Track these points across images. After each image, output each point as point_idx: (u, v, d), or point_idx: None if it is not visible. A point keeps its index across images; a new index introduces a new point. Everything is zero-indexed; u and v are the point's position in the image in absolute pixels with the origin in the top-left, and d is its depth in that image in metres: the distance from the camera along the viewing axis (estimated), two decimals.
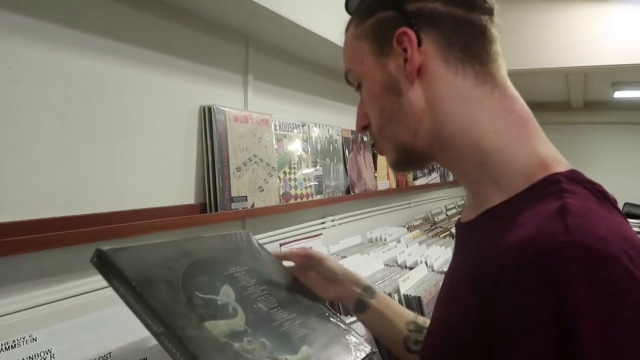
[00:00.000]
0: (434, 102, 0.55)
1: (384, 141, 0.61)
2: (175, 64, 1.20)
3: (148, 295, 0.57)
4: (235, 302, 0.67)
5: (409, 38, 0.54)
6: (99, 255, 0.60)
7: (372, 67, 0.58)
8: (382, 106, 0.58)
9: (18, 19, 0.86)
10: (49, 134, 0.91)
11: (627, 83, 3.51)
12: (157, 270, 0.63)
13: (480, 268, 0.47)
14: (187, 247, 0.72)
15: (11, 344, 0.71)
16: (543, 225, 0.42)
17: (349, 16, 0.63)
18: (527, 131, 0.53)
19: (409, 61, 0.54)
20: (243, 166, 1.32)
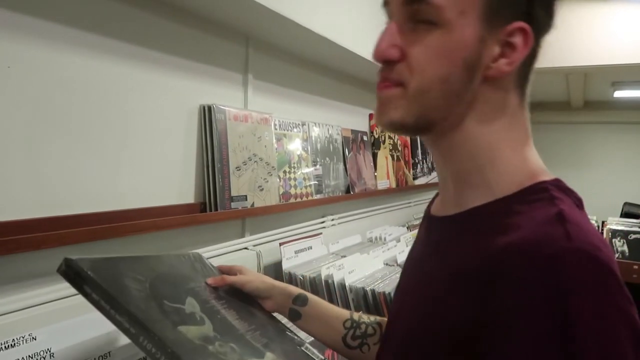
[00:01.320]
0: (482, 103, 0.53)
1: (413, 101, 0.52)
2: (175, 63, 1.20)
3: (122, 299, 0.58)
4: (200, 312, 0.68)
5: (525, 39, 0.50)
6: (67, 264, 0.59)
7: (470, 29, 0.50)
8: (448, 73, 0.51)
9: (17, 18, 0.86)
10: (49, 133, 0.91)
11: (627, 83, 3.51)
12: (125, 278, 0.63)
13: (472, 264, 0.48)
14: (149, 261, 0.74)
15: (11, 343, 0.71)
16: (544, 230, 0.43)
17: (346, 15, 0.63)
18: (526, 147, 0.56)
19: (510, 61, 0.51)
20: (243, 165, 1.32)
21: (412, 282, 0.63)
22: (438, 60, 0.51)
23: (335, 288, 1.33)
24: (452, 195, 0.59)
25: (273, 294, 0.84)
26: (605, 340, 0.39)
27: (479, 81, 0.52)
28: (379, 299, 1.27)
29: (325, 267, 1.36)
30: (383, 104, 0.54)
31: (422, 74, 0.51)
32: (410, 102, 0.52)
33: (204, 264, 0.86)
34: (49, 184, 0.91)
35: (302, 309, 0.83)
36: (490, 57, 0.51)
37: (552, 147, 4.70)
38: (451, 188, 0.58)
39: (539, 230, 0.44)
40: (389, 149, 2.39)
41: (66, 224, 0.90)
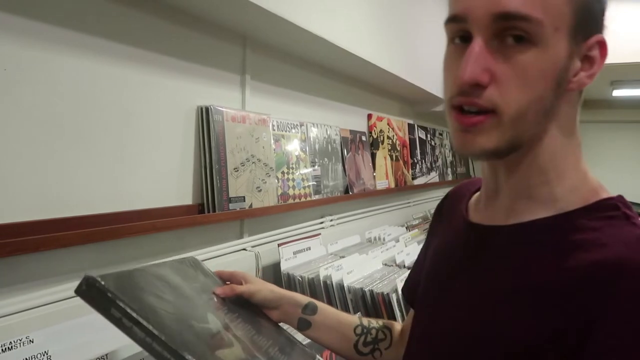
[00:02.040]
0: (557, 118, 0.53)
1: (508, 126, 0.49)
2: (173, 64, 1.20)
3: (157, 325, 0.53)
4: (224, 330, 0.66)
5: (602, 53, 0.51)
6: (88, 283, 0.53)
7: (562, 45, 0.48)
8: (543, 94, 0.49)
9: (13, 20, 0.86)
10: (46, 136, 0.90)
11: (626, 82, 3.51)
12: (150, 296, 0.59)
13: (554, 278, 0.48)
14: (159, 272, 0.70)
15: (8, 345, 0.71)
16: (638, 249, 0.45)
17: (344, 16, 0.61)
18: (582, 158, 0.57)
19: (590, 74, 0.51)
20: (241, 166, 1.32)
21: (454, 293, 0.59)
22: (534, 82, 0.48)
23: (333, 289, 1.33)
24: (504, 205, 0.57)
25: (282, 304, 0.81)
26: None
27: (562, 98, 0.51)
28: (377, 299, 1.27)
29: (323, 268, 1.36)
30: (471, 132, 0.51)
31: (518, 99, 0.48)
32: (506, 128, 0.49)
33: (204, 271, 0.83)
34: (47, 186, 0.91)
35: (311, 318, 0.81)
36: (573, 72, 0.50)
37: None
38: (505, 198, 0.57)
39: (632, 249, 0.45)
40: (388, 149, 2.39)
41: (64, 226, 0.90)
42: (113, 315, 0.52)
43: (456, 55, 0.51)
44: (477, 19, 0.48)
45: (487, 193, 0.61)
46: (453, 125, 0.53)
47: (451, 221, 0.68)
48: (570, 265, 0.47)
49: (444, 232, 0.69)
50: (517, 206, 0.55)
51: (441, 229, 0.72)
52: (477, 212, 0.63)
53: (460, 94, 0.50)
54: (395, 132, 2.52)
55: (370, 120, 2.29)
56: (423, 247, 0.79)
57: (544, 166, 0.54)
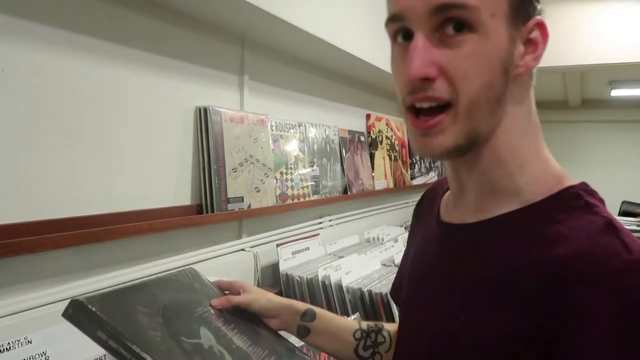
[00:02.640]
0: (513, 104, 0.52)
1: (462, 119, 0.49)
2: (171, 65, 1.20)
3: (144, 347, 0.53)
4: (217, 344, 0.66)
5: (544, 34, 0.51)
6: (75, 306, 0.53)
7: (501, 30, 0.48)
8: (492, 80, 0.49)
9: (11, 21, 0.86)
10: (43, 136, 0.90)
11: (624, 81, 3.52)
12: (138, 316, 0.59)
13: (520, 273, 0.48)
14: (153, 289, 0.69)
15: (6, 346, 0.71)
16: (600, 242, 0.45)
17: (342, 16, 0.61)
18: (543, 146, 0.56)
19: (535, 56, 0.51)
20: (239, 167, 1.32)
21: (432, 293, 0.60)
22: (481, 69, 0.48)
23: (332, 289, 1.33)
24: (471, 202, 0.57)
25: (280, 313, 0.80)
26: None
27: (513, 84, 0.51)
28: (376, 300, 1.27)
29: (322, 268, 1.36)
30: (429, 135, 0.50)
31: (469, 88, 0.48)
32: (462, 121, 0.49)
33: (202, 282, 0.82)
34: (44, 187, 0.91)
35: (310, 325, 0.80)
36: (518, 56, 0.50)
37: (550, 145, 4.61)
38: (471, 195, 0.57)
39: (595, 242, 0.45)
40: (387, 149, 2.40)
41: (62, 227, 0.90)
42: (100, 338, 0.53)
43: (402, 55, 0.51)
44: (416, 14, 0.48)
45: (453, 193, 0.61)
46: (410, 129, 0.52)
47: (427, 221, 0.69)
48: (534, 260, 0.47)
49: (422, 232, 0.70)
50: (483, 202, 0.55)
51: (419, 229, 0.73)
52: (447, 211, 0.63)
53: (411, 92, 0.50)
54: (394, 132, 2.52)
55: (369, 121, 2.29)
56: (405, 249, 0.80)
57: (503, 158, 0.53)
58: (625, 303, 0.42)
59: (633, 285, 0.42)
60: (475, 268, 0.53)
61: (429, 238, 0.65)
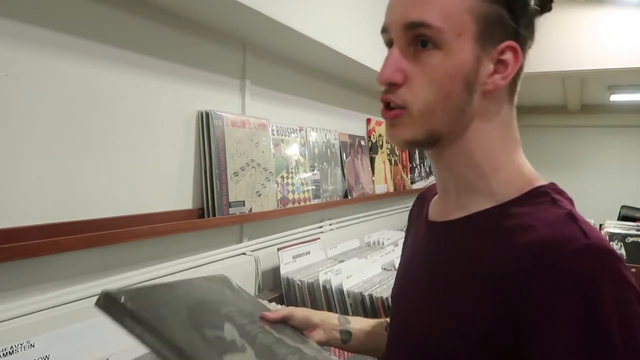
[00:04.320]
0: (481, 115, 0.57)
1: (419, 120, 0.56)
2: (173, 70, 1.20)
3: (167, 332, 0.56)
4: (239, 337, 0.67)
5: (516, 57, 0.55)
6: (106, 297, 0.58)
7: (467, 49, 0.54)
8: (450, 92, 0.55)
9: (15, 26, 0.86)
10: (47, 141, 0.91)
11: (623, 86, 3.52)
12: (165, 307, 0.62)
13: (493, 264, 0.52)
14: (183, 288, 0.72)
15: (9, 350, 0.72)
16: (561, 229, 0.49)
17: (343, 21, 0.65)
18: (519, 153, 0.61)
19: (503, 76, 0.56)
20: (241, 171, 1.33)
21: (420, 287, 0.64)
22: (440, 81, 0.54)
23: (333, 293, 1.33)
24: (453, 201, 0.62)
25: (322, 321, 0.82)
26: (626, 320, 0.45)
27: (478, 96, 0.56)
28: (376, 304, 1.27)
29: (323, 272, 1.36)
30: (393, 125, 0.58)
31: (424, 97, 0.55)
32: (418, 121, 0.56)
33: (232, 288, 0.84)
34: (47, 191, 0.91)
35: (350, 327, 0.83)
36: (486, 74, 0.55)
37: (550, 150, 4.72)
38: (453, 194, 0.62)
39: (557, 229, 0.49)
40: (387, 154, 2.40)
41: (64, 231, 0.91)
42: (127, 326, 0.57)
43: None
44: (394, 29, 0.57)
45: (440, 192, 0.66)
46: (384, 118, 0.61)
47: (417, 223, 0.73)
48: (504, 250, 0.51)
49: (413, 233, 0.75)
50: (463, 200, 0.60)
51: (411, 232, 0.77)
52: (434, 211, 0.68)
53: (384, 92, 0.58)
54: None
55: (369, 125, 2.30)
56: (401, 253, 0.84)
57: (478, 161, 0.58)
58: (581, 282, 0.45)
59: (588, 266, 0.46)
60: (454, 261, 0.58)
61: (419, 237, 0.70)
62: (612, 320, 0.45)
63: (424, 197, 0.76)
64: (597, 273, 0.46)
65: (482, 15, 0.54)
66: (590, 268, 0.46)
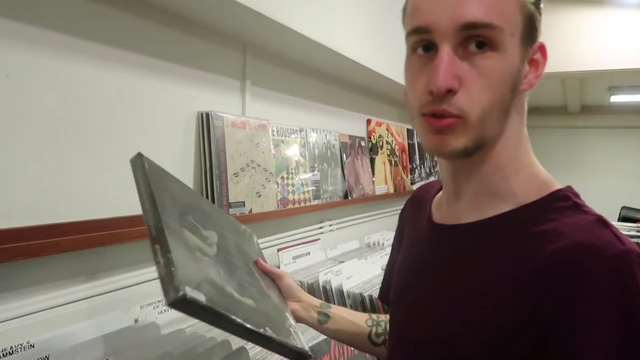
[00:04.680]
0: (512, 115, 0.57)
1: (474, 127, 0.53)
2: (173, 70, 1.20)
3: (156, 191, 0.65)
4: (215, 244, 0.71)
5: (544, 55, 0.57)
6: (138, 156, 0.71)
7: (517, 50, 0.53)
8: (503, 95, 0.53)
9: (15, 27, 0.86)
10: (47, 141, 0.91)
11: (623, 87, 3.53)
12: (172, 192, 0.72)
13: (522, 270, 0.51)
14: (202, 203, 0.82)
15: (8, 350, 0.71)
16: (595, 235, 0.49)
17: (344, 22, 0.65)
18: (531, 152, 0.61)
19: (537, 75, 0.57)
20: (241, 172, 1.33)
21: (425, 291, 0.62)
22: (497, 85, 0.52)
23: (333, 294, 1.33)
24: (466, 204, 0.61)
25: (303, 298, 0.86)
26: None
27: (517, 98, 0.57)
28: (376, 304, 1.27)
29: (323, 273, 1.36)
30: (443, 133, 0.53)
31: (482, 103, 0.52)
32: (473, 128, 0.53)
33: (251, 240, 0.92)
34: (47, 191, 0.91)
35: (329, 311, 0.85)
36: (524, 74, 0.56)
37: (550, 151, 4.72)
38: (467, 198, 0.60)
39: (591, 235, 0.49)
40: (387, 154, 2.40)
41: (64, 231, 0.91)
42: (136, 175, 0.69)
43: (421, 66, 0.54)
44: (443, 29, 0.51)
45: (447, 196, 0.65)
46: (425, 127, 0.55)
47: (416, 223, 0.72)
48: (533, 256, 0.51)
49: (409, 234, 0.74)
50: (479, 204, 0.59)
51: (406, 234, 0.76)
52: (439, 213, 0.67)
53: (430, 102, 0.52)
54: (394, 137, 2.53)
55: (370, 126, 2.30)
56: (390, 254, 0.86)
57: (502, 163, 0.58)
58: (622, 288, 0.45)
59: (626, 271, 0.46)
60: (474, 264, 0.56)
61: (420, 238, 0.69)
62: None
63: (420, 198, 0.74)
64: (635, 278, 0.46)
65: (527, 15, 0.53)
66: (630, 273, 0.46)
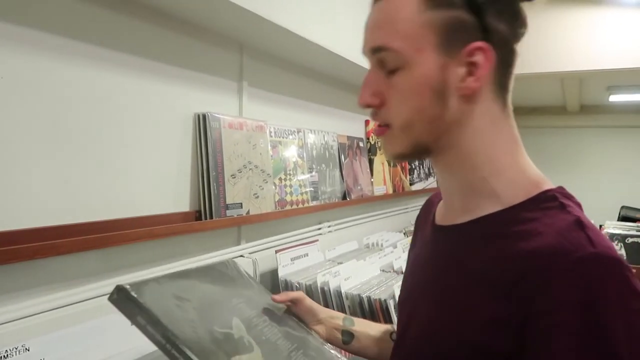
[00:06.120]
0: (468, 118, 0.57)
1: (401, 135, 0.58)
2: (170, 72, 1.20)
3: (178, 332, 0.57)
4: (247, 334, 0.69)
5: (485, 56, 0.54)
6: (119, 292, 0.59)
7: (429, 62, 0.55)
8: (421, 105, 0.56)
9: (9, 28, 0.86)
10: (42, 143, 0.91)
11: (622, 87, 3.52)
12: (176, 305, 0.63)
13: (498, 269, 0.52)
14: (193, 279, 0.74)
15: (4, 353, 0.71)
16: (568, 236, 0.48)
17: (341, 23, 0.66)
18: (522, 154, 0.60)
19: (476, 78, 0.55)
20: (238, 173, 1.33)
21: (423, 292, 0.64)
22: (409, 98, 0.56)
23: (331, 295, 1.33)
24: (458, 205, 0.62)
25: (324, 318, 0.84)
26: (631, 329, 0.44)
27: (457, 100, 0.56)
28: (375, 306, 1.27)
29: (321, 274, 1.36)
30: (383, 141, 0.61)
31: (400, 114, 0.57)
32: (401, 137, 0.58)
33: (240, 274, 0.86)
34: (43, 194, 0.91)
35: (353, 329, 0.83)
36: (458, 78, 0.55)
37: (549, 151, 4.72)
38: (457, 198, 0.62)
39: (564, 236, 0.48)
40: None
41: (60, 234, 0.90)
42: (139, 323, 0.58)
43: None
44: (366, 53, 0.60)
45: (444, 197, 0.67)
46: None
47: (424, 228, 0.74)
48: (509, 257, 0.51)
49: (420, 238, 0.75)
50: (469, 204, 0.60)
51: (418, 237, 0.77)
52: (440, 215, 0.68)
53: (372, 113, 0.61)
54: None
55: (368, 126, 2.30)
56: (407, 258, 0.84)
57: (477, 164, 0.58)
58: (586, 291, 0.45)
59: (594, 274, 0.46)
60: (458, 266, 0.58)
61: (425, 241, 0.70)
62: (618, 330, 0.44)
63: (431, 202, 0.76)
64: (604, 282, 0.45)
65: (440, 24, 0.54)
66: (597, 277, 0.45)
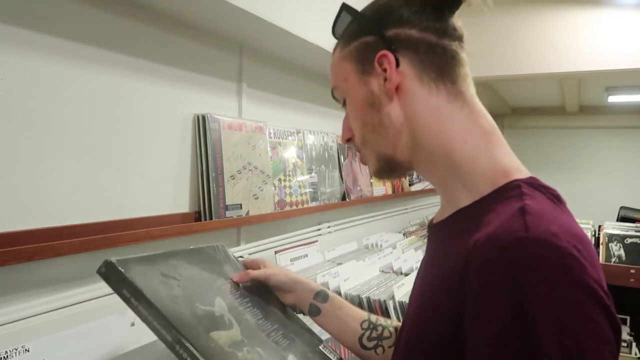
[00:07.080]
0: (411, 117, 0.61)
1: (366, 151, 0.66)
2: (170, 73, 1.20)
3: (161, 305, 0.59)
4: (228, 313, 0.70)
5: (388, 60, 0.60)
6: (107, 266, 0.61)
7: (355, 84, 0.64)
8: (364, 120, 0.64)
9: (9, 30, 0.86)
10: (42, 144, 0.91)
11: (621, 87, 3.53)
12: (161, 281, 0.65)
13: (452, 264, 0.52)
14: (181, 259, 0.75)
15: (3, 355, 0.71)
16: (506, 224, 0.47)
17: None
18: (491, 143, 0.59)
19: (388, 80, 0.60)
20: (237, 174, 1.33)
21: (414, 288, 0.68)
22: (355, 116, 0.66)
23: None
24: (444, 202, 0.64)
25: (295, 288, 0.85)
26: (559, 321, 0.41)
27: (389, 105, 0.61)
28: (374, 306, 1.27)
29: (320, 275, 1.36)
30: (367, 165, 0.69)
31: (356, 131, 0.67)
32: (367, 155, 0.67)
33: (228, 258, 0.88)
34: (42, 195, 0.91)
35: (322, 305, 0.85)
36: (379, 86, 0.61)
37: (548, 151, 4.72)
38: (442, 196, 0.64)
39: (502, 225, 0.47)
40: None
41: (60, 235, 0.90)
42: (124, 295, 0.60)
43: None
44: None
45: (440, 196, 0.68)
46: None
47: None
48: (463, 250, 0.50)
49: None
50: (449, 200, 0.61)
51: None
52: (437, 213, 0.70)
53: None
54: None
55: None
56: None
57: (438, 160, 0.60)
58: (510, 277, 0.43)
59: (519, 260, 0.43)
60: (436, 260, 0.60)
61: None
62: (544, 323, 0.41)
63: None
64: (531, 267, 0.43)
65: (352, 54, 0.64)
66: (523, 262, 0.43)
